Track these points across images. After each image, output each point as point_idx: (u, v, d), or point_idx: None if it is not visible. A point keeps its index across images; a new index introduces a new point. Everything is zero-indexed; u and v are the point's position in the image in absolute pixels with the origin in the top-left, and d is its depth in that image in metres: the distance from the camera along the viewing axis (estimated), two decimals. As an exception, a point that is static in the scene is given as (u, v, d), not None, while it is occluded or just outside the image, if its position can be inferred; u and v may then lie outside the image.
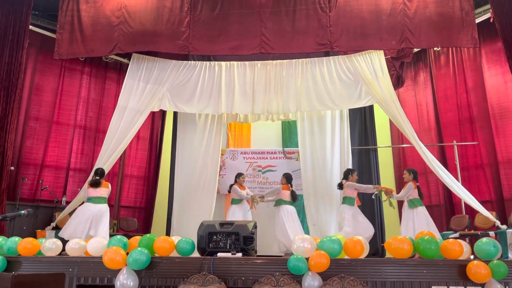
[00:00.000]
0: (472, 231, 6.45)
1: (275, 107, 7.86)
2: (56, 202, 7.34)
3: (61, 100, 8.07)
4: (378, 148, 8.66)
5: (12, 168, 6.79)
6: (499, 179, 7.04)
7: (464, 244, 4.19)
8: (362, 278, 3.75)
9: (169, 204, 8.48)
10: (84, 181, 7.43)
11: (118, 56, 8.43)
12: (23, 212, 3.37)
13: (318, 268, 3.76)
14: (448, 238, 4.59)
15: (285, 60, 7.98)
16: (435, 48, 7.86)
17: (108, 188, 6.57)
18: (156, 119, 9.04)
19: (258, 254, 4.82)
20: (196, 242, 4.54)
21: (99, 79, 8.61)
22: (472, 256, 4.38)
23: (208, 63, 8.09)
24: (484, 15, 7.27)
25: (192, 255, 4.47)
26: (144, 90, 7.73)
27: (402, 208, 6.55)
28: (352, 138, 8.43)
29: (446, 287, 3.75)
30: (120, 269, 3.96)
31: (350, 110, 8.45)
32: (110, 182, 8.00)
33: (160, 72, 7.88)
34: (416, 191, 6.34)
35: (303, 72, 7.87)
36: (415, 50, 8.17)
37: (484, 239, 4.09)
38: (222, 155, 8.69)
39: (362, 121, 8.74)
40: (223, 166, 8.72)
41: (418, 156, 7.14)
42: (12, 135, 6.61)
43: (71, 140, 8.06)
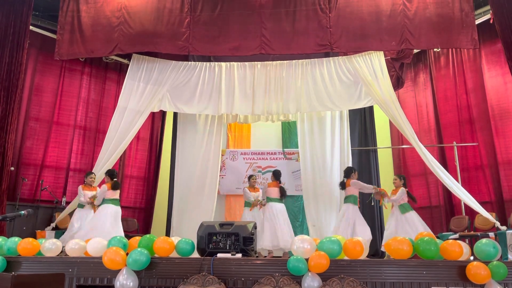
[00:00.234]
0: (472, 232, 6.46)
1: (275, 108, 7.88)
2: (56, 203, 7.33)
3: (61, 101, 8.06)
4: (378, 149, 8.66)
5: (12, 168, 6.79)
6: (499, 180, 7.04)
7: (464, 245, 4.19)
8: (362, 279, 3.76)
9: (169, 204, 8.48)
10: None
11: (118, 57, 8.43)
12: (23, 212, 3.36)
13: (317, 268, 3.76)
14: (447, 239, 4.59)
15: (285, 61, 7.99)
16: (435, 49, 7.86)
17: None
18: (156, 119, 9.04)
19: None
20: (196, 243, 4.54)
21: (99, 80, 8.61)
22: (471, 257, 4.38)
23: (208, 63, 8.10)
24: (484, 16, 7.27)
25: (192, 256, 4.48)
26: (144, 90, 7.74)
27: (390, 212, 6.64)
28: (352, 139, 8.44)
29: (445, 288, 3.76)
30: (120, 269, 3.97)
31: (350, 111, 8.46)
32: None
33: (160, 73, 7.89)
34: (407, 196, 6.49)
35: (303, 73, 7.88)
36: (415, 51, 8.18)
37: (484, 240, 4.09)
38: (222, 155, 8.69)
39: (362, 122, 8.74)
40: (223, 166, 8.72)
41: (418, 157, 7.15)
42: (12, 136, 6.60)
43: (71, 140, 8.06)
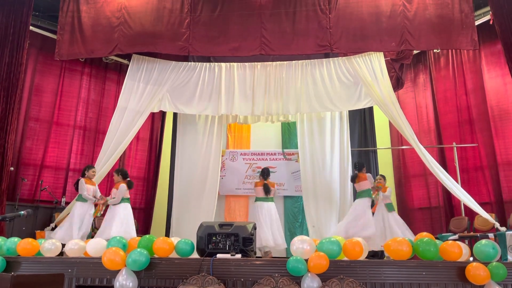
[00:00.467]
0: (472, 233, 6.46)
1: (275, 109, 7.88)
2: (56, 203, 7.32)
3: (61, 101, 8.06)
4: (378, 150, 8.67)
5: (12, 168, 6.78)
6: (499, 181, 7.04)
7: (463, 246, 4.19)
8: (361, 279, 3.76)
9: (168, 205, 8.48)
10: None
11: (118, 57, 8.43)
12: (22, 212, 3.36)
13: (317, 269, 3.76)
14: (447, 240, 4.59)
15: (285, 62, 7.99)
16: (434, 50, 7.86)
17: None
18: (156, 120, 9.04)
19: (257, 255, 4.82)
20: (195, 243, 4.54)
21: (99, 80, 8.60)
22: (471, 258, 4.38)
23: (208, 64, 8.10)
24: (483, 17, 7.27)
25: (192, 256, 4.48)
26: (144, 91, 7.73)
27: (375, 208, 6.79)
28: (351, 140, 8.44)
29: (445, 289, 3.75)
30: (120, 270, 3.97)
31: (349, 111, 8.46)
32: (110, 183, 8.03)
33: (160, 73, 7.89)
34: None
35: (303, 73, 7.88)
36: (415, 52, 8.18)
37: (483, 241, 4.09)
38: (222, 156, 8.68)
39: (361, 122, 8.75)
40: (222, 167, 8.71)
41: (418, 158, 7.15)
42: (12, 136, 6.60)
43: (71, 140, 8.06)
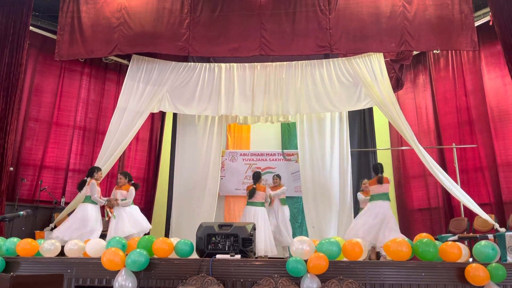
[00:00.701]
0: (471, 234, 6.45)
1: (274, 109, 7.87)
2: (55, 203, 7.32)
3: (60, 101, 8.06)
4: (378, 151, 8.66)
5: (12, 168, 6.77)
6: (498, 182, 7.04)
7: (463, 247, 4.20)
8: (361, 280, 3.76)
9: (168, 205, 8.48)
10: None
11: (117, 57, 8.42)
12: (22, 213, 3.36)
13: (316, 270, 3.77)
14: (446, 241, 4.59)
15: (284, 62, 7.99)
16: (434, 51, 7.86)
17: None
18: (156, 120, 9.03)
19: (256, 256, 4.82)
20: (195, 244, 4.54)
21: (99, 80, 8.60)
22: (470, 259, 4.38)
23: (207, 64, 8.09)
24: (483, 18, 7.27)
25: (191, 257, 4.48)
26: (144, 91, 7.73)
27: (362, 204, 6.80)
28: (351, 140, 8.43)
29: (444, 289, 3.75)
30: (119, 270, 3.96)
31: (349, 112, 8.45)
32: (109, 183, 8.02)
33: (159, 74, 7.88)
34: None
35: (302, 74, 7.88)
36: (415, 52, 8.18)
37: (483, 242, 4.09)
38: (222, 156, 8.68)
39: (361, 123, 8.74)
40: (222, 167, 8.71)
41: (417, 159, 7.15)
42: (11, 136, 6.59)
43: (71, 141, 8.05)
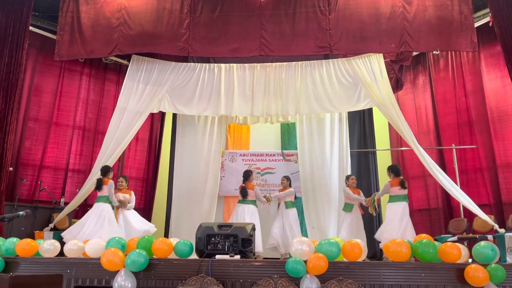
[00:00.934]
0: (470, 235, 6.46)
1: (274, 110, 7.87)
2: (55, 203, 7.32)
3: (60, 101, 8.06)
4: (377, 151, 8.66)
5: (11, 168, 6.77)
6: (498, 183, 7.04)
7: (462, 248, 4.20)
8: (360, 281, 3.76)
9: (167, 205, 8.47)
10: (83, 182, 7.43)
11: (117, 58, 8.41)
12: (21, 213, 3.36)
13: (316, 270, 3.76)
14: (446, 242, 4.59)
15: (284, 63, 7.98)
16: (434, 52, 7.87)
17: None
18: (155, 120, 9.03)
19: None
20: (194, 244, 4.54)
21: (99, 80, 8.60)
22: (470, 260, 4.39)
23: (207, 65, 8.09)
24: (483, 19, 7.28)
25: (190, 257, 4.47)
26: (144, 91, 7.72)
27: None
28: (351, 141, 8.43)
29: (444, 290, 3.76)
30: (118, 270, 3.96)
31: (349, 113, 8.45)
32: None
33: (159, 74, 7.88)
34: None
35: (302, 74, 7.88)
36: (414, 53, 8.18)
37: (482, 243, 4.10)
38: (221, 157, 8.68)
39: (361, 124, 8.74)
40: (222, 168, 8.71)
41: (417, 159, 7.15)
42: (11, 136, 6.59)
43: (70, 141, 8.05)
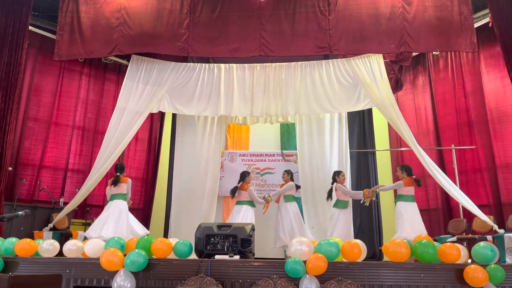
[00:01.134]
0: (470, 235, 6.46)
1: (274, 110, 7.87)
2: (54, 203, 7.30)
3: (60, 101, 8.05)
4: (377, 152, 8.66)
5: (10, 168, 6.77)
6: (497, 183, 7.05)
7: (462, 248, 4.20)
8: (360, 281, 3.76)
9: (167, 206, 8.47)
10: (82, 182, 7.42)
11: (117, 58, 8.41)
12: (20, 213, 3.36)
13: (315, 271, 3.76)
14: (445, 242, 4.59)
15: (284, 63, 7.98)
16: (434, 52, 7.87)
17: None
18: (155, 120, 9.03)
19: (255, 256, 4.82)
20: (193, 244, 4.54)
21: (98, 80, 8.60)
22: (469, 260, 4.39)
23: (207, 65, 8.09)
24: (483, 20, 7.28)
25: (190, 257, 4.47)
26: (143, 91, 7.71)
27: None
28: (350, 141, 8.43)
29: (443, 291, 3.76)
30: (117, 270, 3.96)
31: (348, 113, 8.45)
32: (108, 183, 8.01)
33: (159, 74, 7.87)
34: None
35: (302, 75, 7.88)
36: (414, 54, 8.19)
37: (482, 243, 4.10)
38: (221, 157, 8.68)
39: (360, 124, 8.74)
40: (221, 168, 8.70)
41: (417, 160, 7.14)
42: (10, 136, 6.58)
43: (70, 141, 8.05)
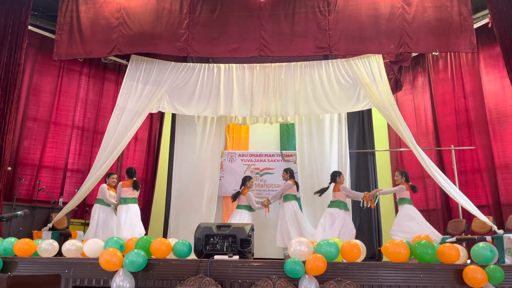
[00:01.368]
0: (469, 236, 6.46)
1: (273, 110, 7.86)
2: (53, 203, 7.30)
3: (59, 101, 8.05)
4: (376, 152, 8.66)
5: (10, 168, 6.76)
6: (496, 184, 7.05)
7: (461, 249, 4.20)
8: (359, 281, 3.76)
9: (166, 206, 8.46)
10: (81, 182, 7.42)
11: (116, 57, 8.42)
12: (19, 212, 3.36)
13: (314, 271, 3.76)
14: (445, 243, 4.59)
15: (283, 63, 7.98)
16: (433, 53, 7.88)
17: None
18: (155, 120, 9.03)
19: (255, 257, 4.82)
20: (193, 244, 4.53)
21: (98, 80, 8.60)
22: (469, 261, 4.39)
23: (207, 65, 8.09)
24: (482, 20, 7.29)
25: (189, 258, 4.47)
26: (143, 91, 7.71)
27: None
28: (350, 142, 8.43)
29: (442, 291, 3.76)
30: (117, 270, 3.96)
31: (348, 113, 8.44)
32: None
33: (158, 74, 7.87)
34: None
35: (301, 75, 7.87)
36: (414, 54, 8.19)
37: (481, 244, 4.10)
38: (221, 157, 8.68)
39: (360, 124, 8.73)
40: (221, 168, 8.70)
41: (416, 160, 7.15)
42: (10, 136, 6.58)
43: (69, 141, 8.05)
